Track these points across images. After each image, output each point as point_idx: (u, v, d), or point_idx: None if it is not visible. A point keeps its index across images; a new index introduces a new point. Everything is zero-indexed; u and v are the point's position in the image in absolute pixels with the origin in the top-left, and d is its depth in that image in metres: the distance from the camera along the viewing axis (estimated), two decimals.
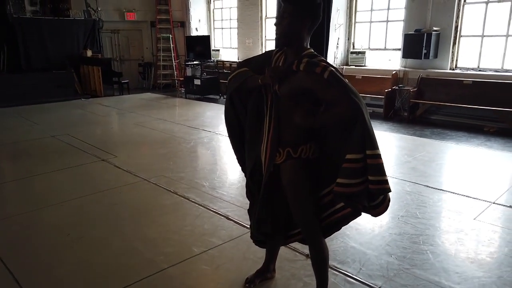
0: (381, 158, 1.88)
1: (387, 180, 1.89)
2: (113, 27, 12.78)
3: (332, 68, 1.86)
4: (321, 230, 2.14)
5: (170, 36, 12.78)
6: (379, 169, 1.87)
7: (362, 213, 2.07)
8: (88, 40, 11.63)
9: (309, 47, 2.02)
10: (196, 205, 3.75)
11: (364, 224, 3.32)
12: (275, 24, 1.99)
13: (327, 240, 2.19)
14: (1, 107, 9.02)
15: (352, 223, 2.21)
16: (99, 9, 11.79)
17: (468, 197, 3.90)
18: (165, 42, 12.75)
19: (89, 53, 11.36)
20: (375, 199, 1.98)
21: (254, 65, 2.18)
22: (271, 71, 1.99)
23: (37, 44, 10.72)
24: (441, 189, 4.10)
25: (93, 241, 3.11)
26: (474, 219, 3.44)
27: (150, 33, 13.20)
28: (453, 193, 4.01)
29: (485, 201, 3.79)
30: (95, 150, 5.61)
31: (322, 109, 1.96)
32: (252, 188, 2.30)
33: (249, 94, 2.20)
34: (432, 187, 4.15)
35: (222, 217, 3.47)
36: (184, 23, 13.01)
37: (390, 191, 1.93)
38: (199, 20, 12.87)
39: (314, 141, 2.05)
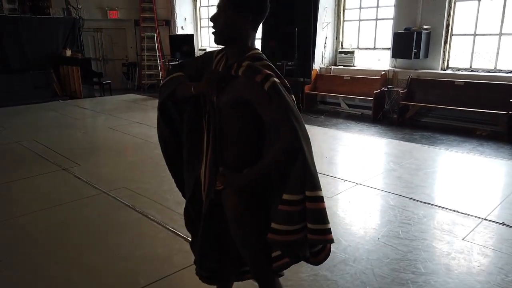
0: (323, 202, 1.52)
1: (329, 229, 1.55)
2: (95, 25, 12.33)
3: (276, 79, 1.49)
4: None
5: (155, 35, 12.35)
6: (320, 216, 1.52)
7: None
8: (68, 39, 11.17)
9: (255, 47, 1.63)
10: (155, 223, 3.36)
11: (339, 247, 2.94)
12: (211, 19, 1.61)
13: (295, 265, 1.80)
14: None
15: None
16: (80, 7, 11.34)
17: (458, 212, 3.53)
18: (149, 41, 12.32)
19: (68, 52, 10.91)
20: (314, 246, 1.64)
21: (190, 69, 1.78)
22: (207, 76, 1.60)
23: (14, 44, 10.24)
24: (427, 203, 3.73)
25: (24, 270, 2.70)
26: (463, 239, 3.07)
27: (134, 32, 12.77)
28: (441, 207, 3.64)
29: (476, 217, 3.42)
30: (58, 158, 5.20)
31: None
32: (193, 216, 1.91)
33: (187, 104, 1.81)
34: (418, 201, 3.78)
35: (181, 239, 3.08)
36: (169, 22, 12.58)
37: (332, 242, 1.58)
38: (185, 19, 12.46)
39: None
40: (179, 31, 12.34)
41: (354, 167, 4.93)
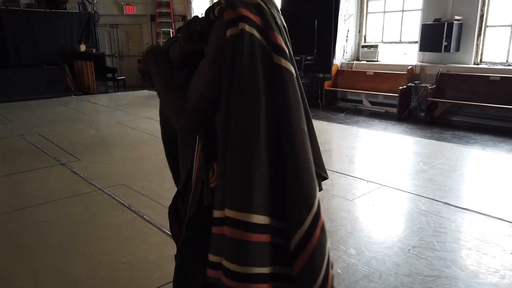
0: (252, 233, 0.92)
1: (253, 275, 0.93)
2: (111, 21, 12.13)
3: (252, 32, 0.92)
4: None
5: (171, 30, 12.06)
6: (240, 250, 0.93)
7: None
8: (82, 34, 10.99)
9: None
10: (149, 225, 2.95)
11: (361, 259, 2.47)
12: None
13: None
14: None
15: (346, 257, 1.36)
16: (95, 1, 11.14)
17: (503, 220, 3.00)
18: (165, 37, 12.02)
19: (82, 47, 10.71)
20: None
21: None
22: (184, 26, 1.14)
23: (28, 38, 10.09)
24: (466, 209, 3.20)
25: None
26: None
27: (150, 27, 12.51)
28: (482, 214, 3.11)
29: None
30: (59, 152, 4.88)
31: None
32: (181, 214, 1.42)
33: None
34: (454, 206, 3.26)
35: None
36: (185, 17, 12.27)
37: None
38: (201, 14, 12.08)
39: None
40: None
41: (379, 167, 4.42)
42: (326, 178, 1.14)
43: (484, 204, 3.31)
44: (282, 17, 1.06)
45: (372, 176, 3.98)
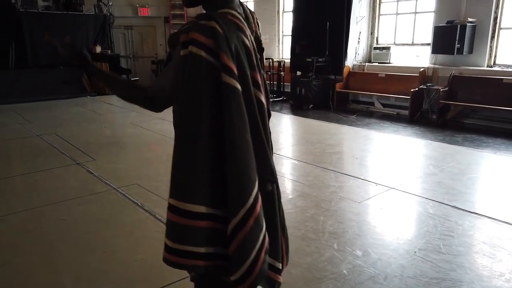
0: (172, 213, 1.12)
1: (168, 248, 1.16)
2: (126, 23, 12.34)
3: (199, 53, 1.06)
4: None
5: None
6: (175, 231, 1.14)
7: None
8: (98, 36, 11.21)
9: (230, 5, 1.19)
10: (161, 224, 3.05)
11: (367, 260, 2.52)
12: None
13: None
14: (2, 103, 8.67)
15: (352, 259, 1.44)
16: (111, 3, 11.35)
17: (511, 224, 3.01)
18: None
19: (98, 49, 10.93)
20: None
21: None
22: (168, 40, 1.30)
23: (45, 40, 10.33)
24: (474, 212, 3.22)
25: (14, 272, 2.45)
26: None
27: (164, 29, 12.68)
28: (490, 218, 3.12)
29: None
30: (75, 152, 5.02)
31: None
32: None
33: None
34: (462, 209, 3.28)
35: None
36: None
37: (170, 265, 1.19)
38: None
39: None
40: None
41: (388, 169, 4.45)
42: (274, 182, 1.25)
43: (493, 208, 3.32)
44: (247, 39, 1.16)
45: (381, 179, 4.02)
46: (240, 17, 1.19)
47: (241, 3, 1.28)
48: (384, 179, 4.01)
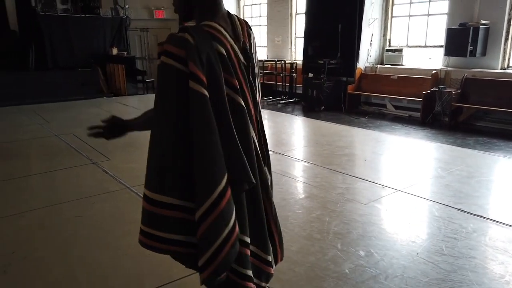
0: (145, 201, 1.24)
1: (143, 232, 1.26)
2: (142, 25, 12.59)
3: (169, 61, 1.18)
4: None
5: None
6: (149, 218, 1.24)
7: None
8: (115, 38, 11.47)
9: (210, 19, 1.30)
10: None
11: (370, 260, 2.59)
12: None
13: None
14: (22, 104, 8.97)
15: (355, 259, 1.51)
16: (127, 6, 11.60)
17: None
18: None
19: (114, 51, 11.19)
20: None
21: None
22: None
23: (64, 42, 10.65)
24: (479, 216, 3.25)
25: (33, 265, 2.60)
26: None
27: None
28: (495, 221, 3.15)
29: None
30: (91, 152, 5.20)
31: None
32: None
33: None
34: (467, 212, 3.31)
35: None
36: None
37: (145, 247, 1.28)
38: None
39: None
40: None
41: (396, 172, 4.49)
42: (250, 182, 1.32)
43: (499, 211, 3.34)
44: (223, 48, 1.28)
45: (388, 181, 4.06)
46: (219, 28, 1.29)
47: (230, 16, 1.38)
48: (392, 182, 4.06)
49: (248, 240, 1.36)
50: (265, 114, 8.41)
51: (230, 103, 1.27)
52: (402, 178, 4.23)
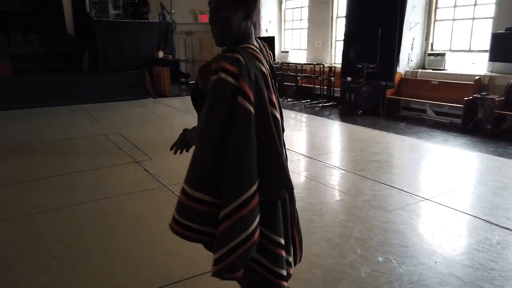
0: (182, 195, 1.44)
1: (176, 220, 1.49)
2: (187, 29, 13.08)
3: (227, 78, 1.33)
4: None
5: None
6: (182, 208, 1.46)
7: None
8: (161, 42, 12.03)
9: (250, 40, 1.52)
10: None
11: (387, 267, 2.67)
12: (210, 22, 1.57)
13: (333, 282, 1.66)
14: (76, 104, 9.67)
15: (372, 264, 1.66)
16: (173, 11, 12.11)
17: None
18: None
19: (160, 54, 11.73)
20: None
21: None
22: (199, 69, 1.64)
23: (115, 46, 11.32)
24: (506, 228, 3.22)
25: (76, 253, 2.92)
26: None
27: None
28: None
29: None
30: (134, 151, 5.59)
31: None
32: None
33: None
34: (494, 224, 3.29)
35: None
36: (254, 24, 12.78)
37: (177, 236, 1.53)
38: (270, 21, 12.58)
39: None
40: (263, 34, 12.50)
41: (426, 180, 4.48)
42: (291, 188, 1.52)
43: None
44: (263, 67, 1.45)
45: (417, 190, 4.08)
46: (257, 49, 1.49)
47: (257, 39, 1.57)
48: (420, 190, 4.07)
49: (282, 242, 1.51)
50: (302, 118, 8.51)
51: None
52: (431, 187, 4.22)
